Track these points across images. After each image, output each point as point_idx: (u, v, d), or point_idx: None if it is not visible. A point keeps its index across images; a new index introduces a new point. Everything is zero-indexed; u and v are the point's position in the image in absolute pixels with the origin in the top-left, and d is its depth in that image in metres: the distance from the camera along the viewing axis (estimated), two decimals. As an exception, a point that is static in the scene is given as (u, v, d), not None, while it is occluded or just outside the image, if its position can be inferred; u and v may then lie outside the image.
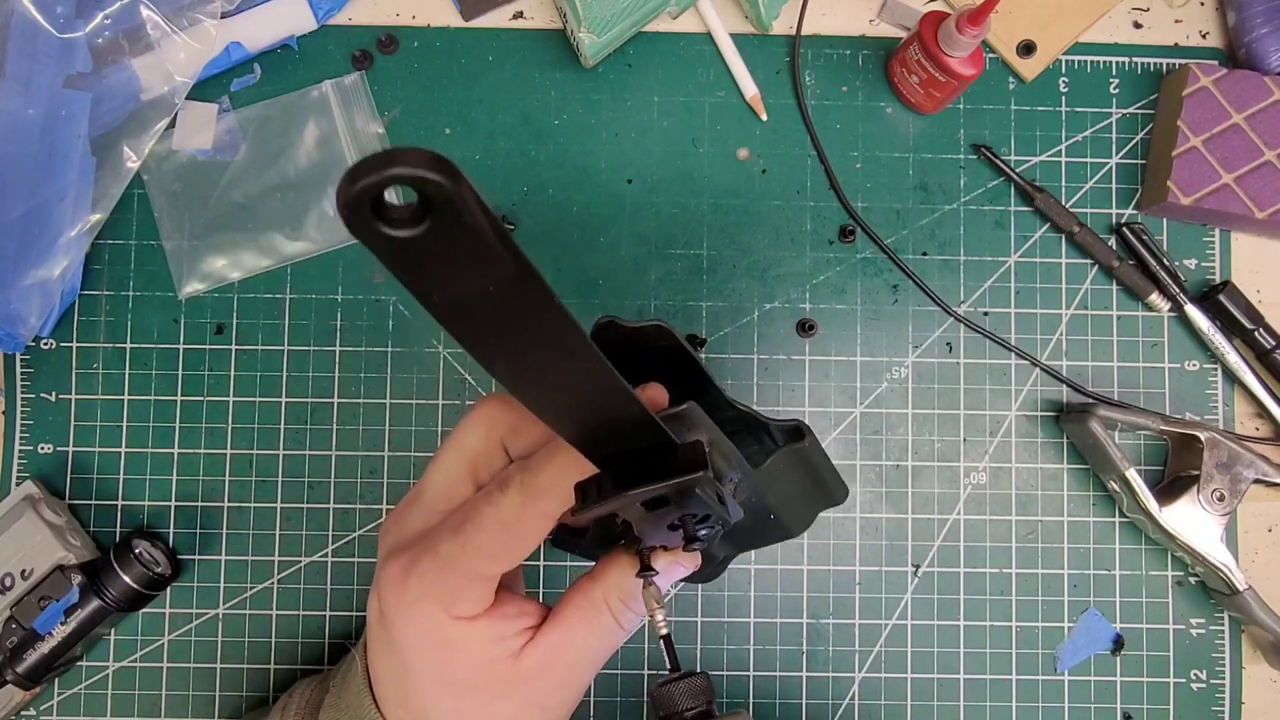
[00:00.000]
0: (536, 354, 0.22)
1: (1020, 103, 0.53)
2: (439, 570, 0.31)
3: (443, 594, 0.31)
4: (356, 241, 0.17)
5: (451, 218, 0.16)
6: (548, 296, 0.20)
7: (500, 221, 0.18)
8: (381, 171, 0.15)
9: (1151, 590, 0.51)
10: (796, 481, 0.37)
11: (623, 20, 0.48)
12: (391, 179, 0.15)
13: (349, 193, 0.16)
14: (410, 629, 0.32)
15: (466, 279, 0.18)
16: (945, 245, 0.52)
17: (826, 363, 0.52)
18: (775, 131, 0.52)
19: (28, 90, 0.47)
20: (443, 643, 0.32)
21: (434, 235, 0.17)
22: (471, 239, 0.17)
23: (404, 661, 0.33)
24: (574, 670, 0.34)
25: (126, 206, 0.51)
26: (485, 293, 0.19)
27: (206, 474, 0.51)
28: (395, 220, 0.16)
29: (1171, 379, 0.52)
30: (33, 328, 0.49)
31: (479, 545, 0.31)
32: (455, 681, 0.32)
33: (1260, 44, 0.50)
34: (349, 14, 0.52)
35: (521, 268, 0.19)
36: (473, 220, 0.17)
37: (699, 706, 0.30)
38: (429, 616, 0.32)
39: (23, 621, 0.46)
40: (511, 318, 0.20)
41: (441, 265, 0.18)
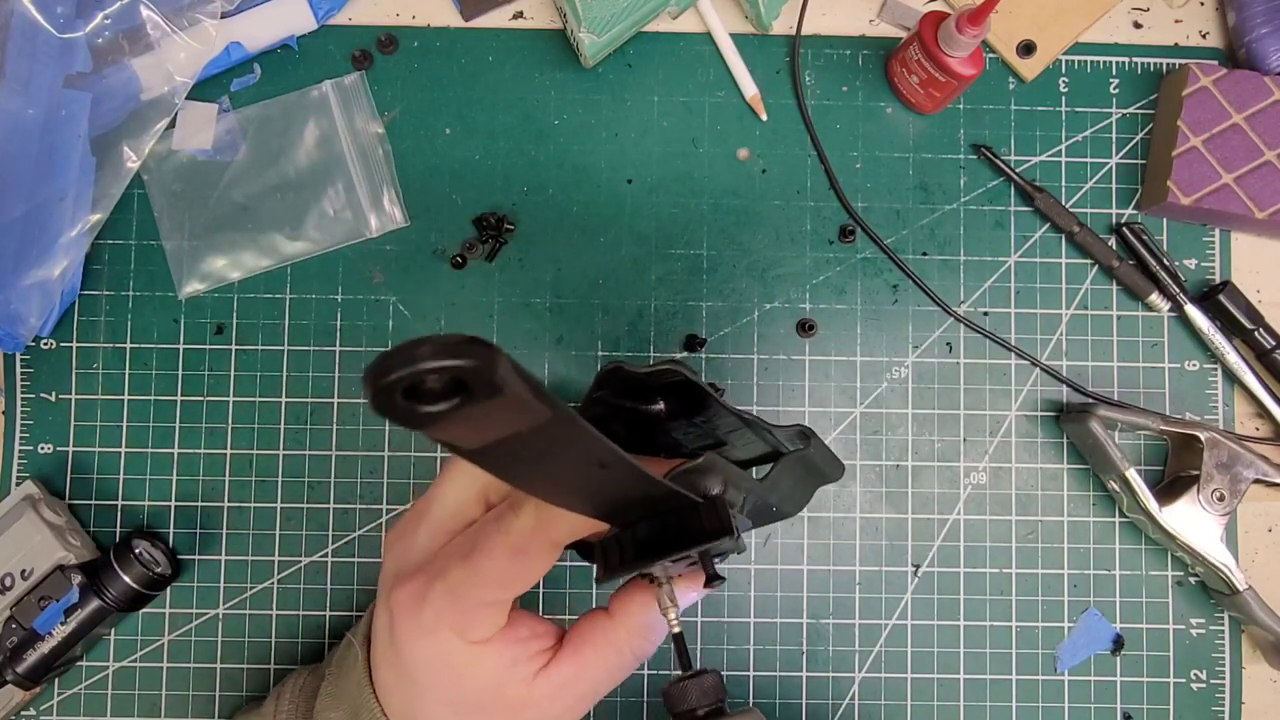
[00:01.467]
0: (566, 473, 0.22)
1: (1020, 103, 0.53)
2: (450, 596, 0.31)
3: (456, 621, 0.31)
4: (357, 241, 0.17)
5: (489, 393, 0.16)
6: (581, 431, 0.20)
7: (535, 378, 0.17)
8: (411, 367, 0.15)
9: (1151, 590, 0.51)
10: (799, 479, 0.38)
11: (623, 20, 0.48)
12: (424, 373, 0.15)
13: (377, 386, 0.15)
14: (423, 654, 0.32)
15: (500, 430, 0.18)
16: (945, 245, 0.52)
17: (826, 363, 0.52)
18: (775, 131, 0.52)
19: (28, 90, 0.47)
20: (456, 668, 0.32)
21: (470, 406, 0.16)
22: (508, 401, 0.17)
23: (415, 683, 0.33)
24: (584, 698, 0.34)
25: (126, 206, 0.51)
26: (518, 435, 0.19)
27: (206, 474, 0.51)
28: (428, 398, 0.16)
29: (1171, 379, 0.52)
30: (33, 328, 0.49)
31: (488, 572, 0.31)
32: (466, 704, 0.32)
33: (1260, 44, 0.50)
34: (349, 14, 0.52)
35: (558, 417, 0.18)
36: (512, 390, 0.16)
37: (710, 705, 0.30)
38: (443, 643, 0.32)
39: (23, 621, 0.46)
40: (543, 452, 0.20)
41: (475, 425, 0.17)
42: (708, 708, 0.30)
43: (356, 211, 0.51)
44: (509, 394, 0.16)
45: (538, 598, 0.51)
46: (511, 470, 0.21)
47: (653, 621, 0.34)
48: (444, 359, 0.15)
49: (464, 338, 0.15)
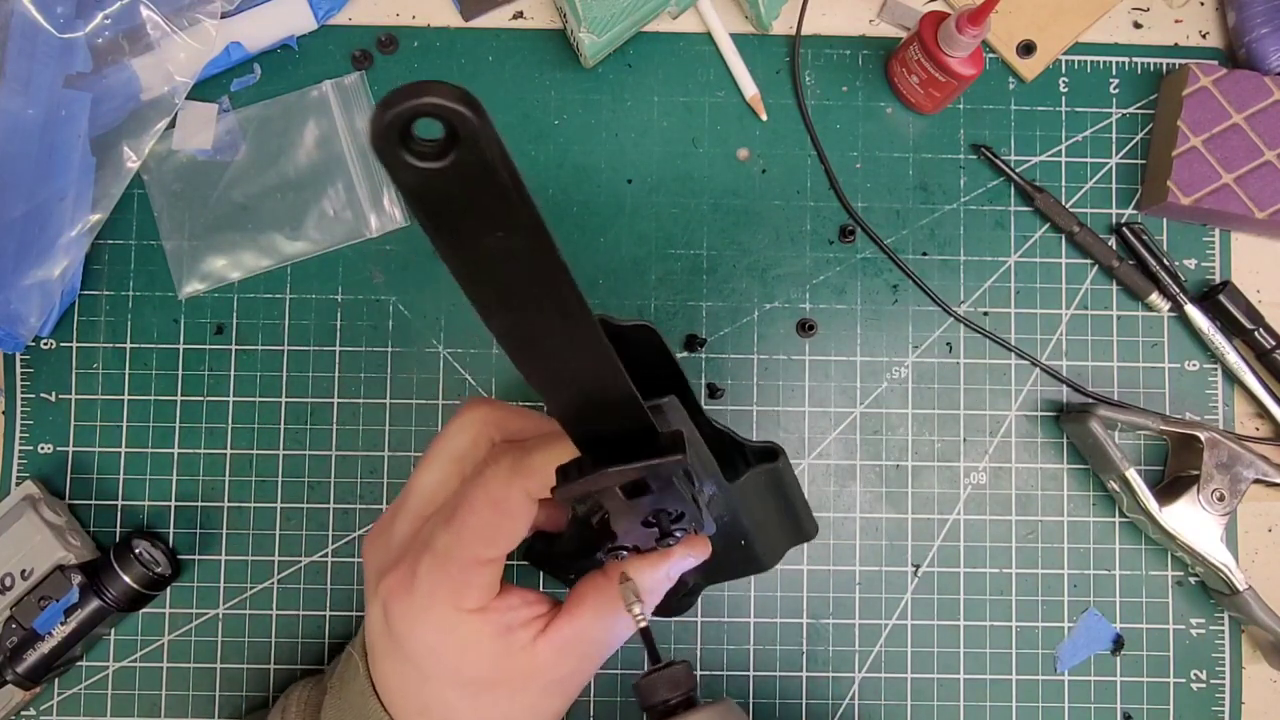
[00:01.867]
0: (538, 315, 0.22)
1: (1020, 103, 0.53)
2: (440, 565, 0.31)
3: (449, 589, 0.31)
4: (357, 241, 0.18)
5: (474, 154, 0.17)
6: (556, 257, 0.20)
7: (519, 175, 0.18)
8: (412, 101, 0.16)
9: (1151, 590, 0.51)
10: (769, 506, 0.37)
11: (623, 20, 0.48)
12: (421, 108, 0.16)
13: (381, 121, 0.16)
14: (422, 634, 0.32)
15: (482, 226, 0.19)
16: (945, 245, 0.52)
17: (826, 363, 0.52)
18: (775, 131, 0.52)
19: (28, 90, 0.47)
20: (456, 642, 0.32)
21: (456, 171, 0.17)
22: (491, 183, 0.18)
23: (419, 670, 0.32)
24: (587, 659, 0.34)
25: (126, 206, 0.51)
26: (498, 244, 0.20)
27: (206, 474, 0.51)
28: (421, 153, 0.17)
29: (1171, 379, 0.52)
30: (33, 328, 0.49)
31: (473, 528, 0.31)
32: (474, 680, 0.32)
33: (1260, 44, 0.50)
34: (349, 14, 0.52)
35: (535, 222, 0.19)
36: (493, 159, 0.17)
37: (679, 695, 0.30)
38: (440, 617, 0.32)
39: (23, 621, 0.46)
40: (520, 274, 0.21)
41: (460, 208, 0.18)
42: (679, 698, 0.30)
43: (356, 211, 0.51)
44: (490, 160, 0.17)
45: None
46: (488, 297, 0.22)
47: (648, 576, 0.34)
48: (440, 98, 0.16)
49: (462, 90, 0.17)
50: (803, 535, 0.41)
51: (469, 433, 0.34)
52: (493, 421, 0.33)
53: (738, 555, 0.39)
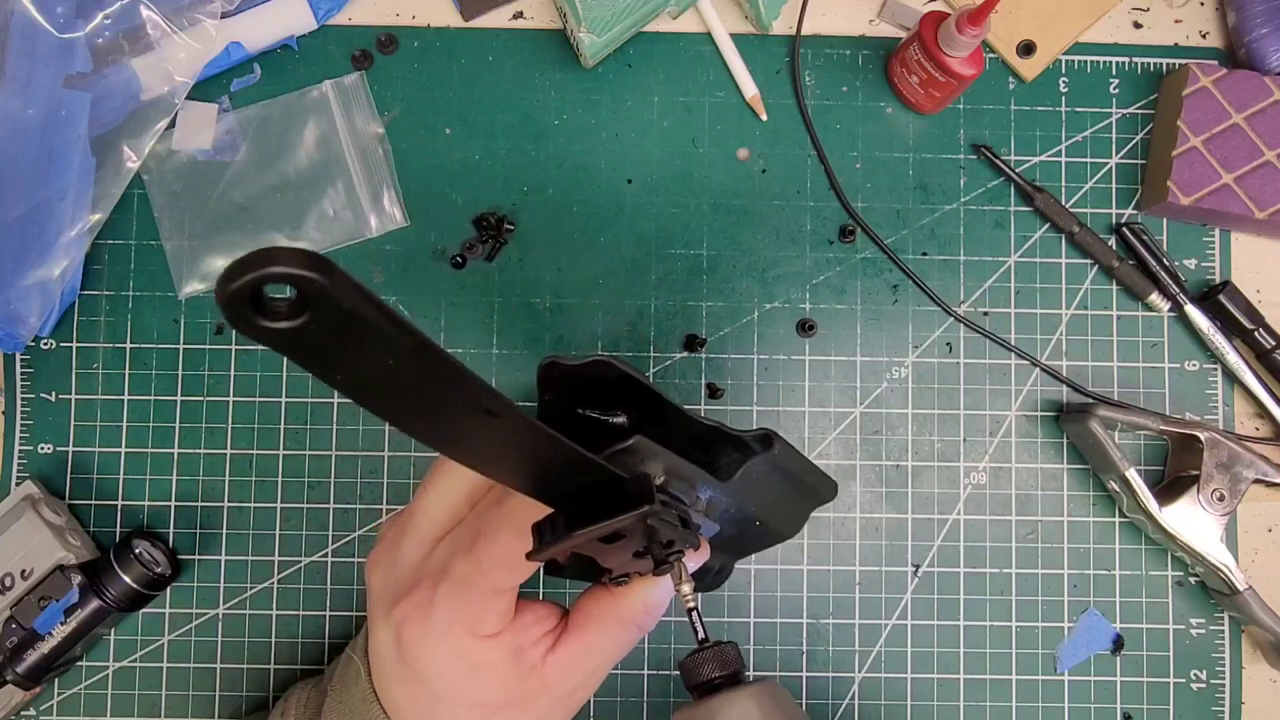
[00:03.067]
0: (456, 419, 0.22)
1: (1020, 103, 0.53)
2: (459, 593, 0.31)
3: (467, 618, 0.31)
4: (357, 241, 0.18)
5: (330, 308, 0.17)
6: (451, 365, 0.20)
7: (384, 303, 0.18)
8: (252, 274, 0.16)
9: (1151, 590, 0.51)
10: (776, 487, 0.37)
11: (623, 20, 0.48)
12: (266, 278, 0.16)
13: (225, 292, 0.16)
14: (438, 660, 0.32)
15: (363, 359, 0.19)
16: (945, 245, 0.52)
17: (826, 363, 0.52)
18: (775, 131, 0.52)
19: (28, 90, 0.47)
20: (471, 667, 0.32)
21: (316, 325, 0.17)
22: (357, 325, 0.18)
23: (432, 692, 0.32)
24: (593, 674, 0.34)
25: (126, 206, 0.51)
26: (387, 369, 0.19)
27: (206, 474, 0.51)
28: (275, 314, 0.17)
29: (1171, 379, 0.52)
30: (33, 328, 0.49)
31: (495, 559, 0.30)
32: (486, 703, 0.33)
33: (1260, 44, 0.50)
34: (349, 14, 0.52)
35: (417, 343, 0.19)
36: (353, 308, 0.17)
37: (725, 673, 0.30)
38: (456, 644, 0.31)
39: (23, 621, 0.46)
40: (420, 389, 0.21)
41: (334, 351, 0.18)
42: (724, 676, 0.30)
43: (356, 211, 0.51)
44: (351, 309, 0.17)
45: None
46: (396, 414, 0.22)
47: (654, 594, 0.34)
48: (283, 266, 0.16)
49: (306, 253, 0.16)
50: (820, 499, 0.40)
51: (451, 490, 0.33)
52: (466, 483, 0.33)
53: (754, 534, 0.39)
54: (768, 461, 0.35)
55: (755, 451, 0.36)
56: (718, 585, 0.45)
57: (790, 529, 0.41)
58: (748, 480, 0.35)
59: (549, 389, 0.34)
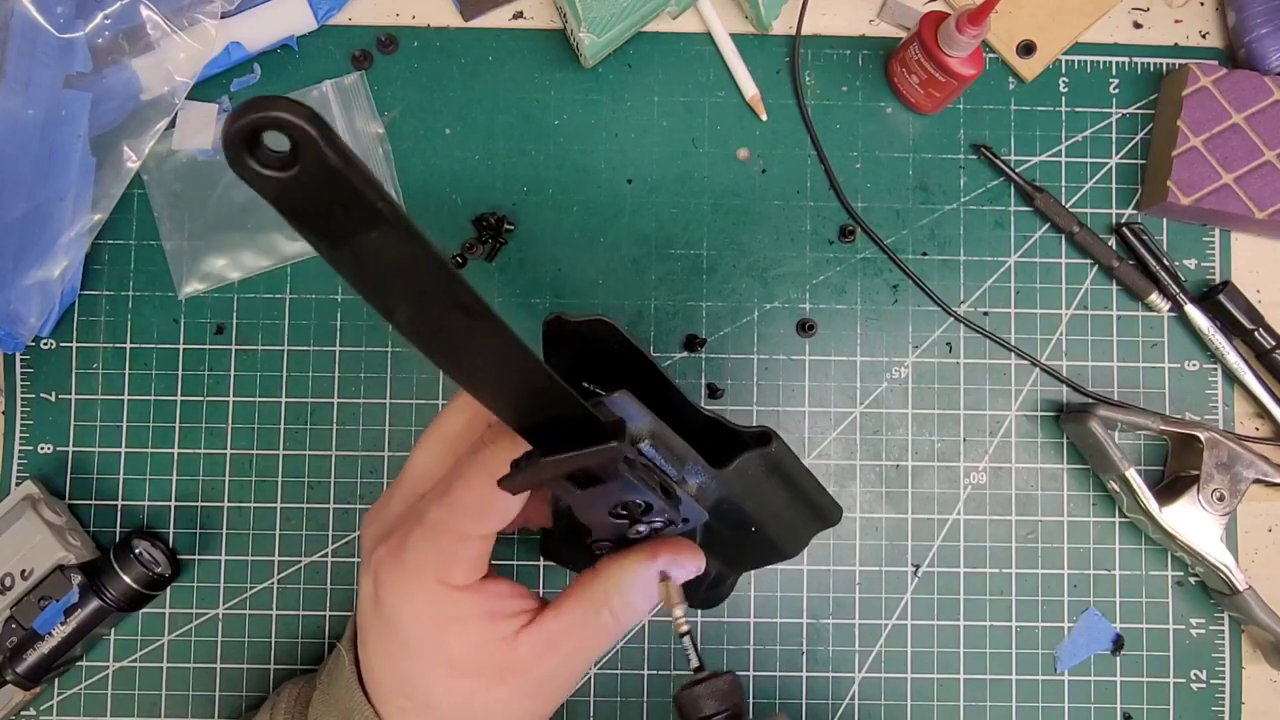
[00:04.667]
0: (431, 310, 0.23)
1: (1020, 103, 0.53)
2: (430, 537, 0.32)
3: (437, 561, 0.32)
4: None
5: (317, 163, 0.18)
6: (431, 252, 0.21)
7: (371, 174, 0.19)
8: (253, 115, 0.17)
9: (1151, 590, 0.51)
10: (774, 491, 0.37)
11: (623, 20, 0.48)
12: (263, 121, 0.17)
13: (228, 133, 0.17)
14: (408, 605, 0.32)
15: (347, 227, 0.20)
16: (945, 245, 0.52)
17: (826, 363, 0.52)
18: (775, 131, 0.52)
19: (28, 90, 0.47)
20: (440, 617, 0.32)
21: (306, 179, 0.18)
22: (342, 188, 0.18)
23: (403, 642, 0.33)
24: (568, 662, 0.34)
25: (126, 206, 0.51)
26: (371, 243, 0.20)
27: (206, 474, 0.51)
28: (268, 163, 0.18)
29: (1171, 379, 0.52)
30: (33, 328, 0.49)
31: (465, 503, 0.31)
32: (453, 660, 0.33)
33: (1260, 44, 0.50)
34: (349, 14, 0.52)
35: (399, 219, 0.20)
36: (337, 166, 0.18)
37: (726, 710, 0.29)
38: (427, 589, 0.32)
39: (23, 621, 0.46)
40: (402, 270, 0.21)
41: (321, 211, 0.19)
42: (725, 714, 0.29)
43: (356, 211, 0.51)
44: (335, 167, 0.18)
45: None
46: (377, 293, 0.22)
47: (633, 580, 0.33)
48: (280, 112, 0.17)
49: (304, 107, 0.17)
50: (825, 520, 0.40)
51: (464, 415, 0.34)
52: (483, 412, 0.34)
53: (752, 543, 0.39)
54: (764, 458, 0.35)
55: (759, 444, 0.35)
56: (717, 601, 0.45)
57: (790, 544, 0.40)
58: (743, 474, 0.34)
59: (553, 353, 0.34)
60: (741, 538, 0.38)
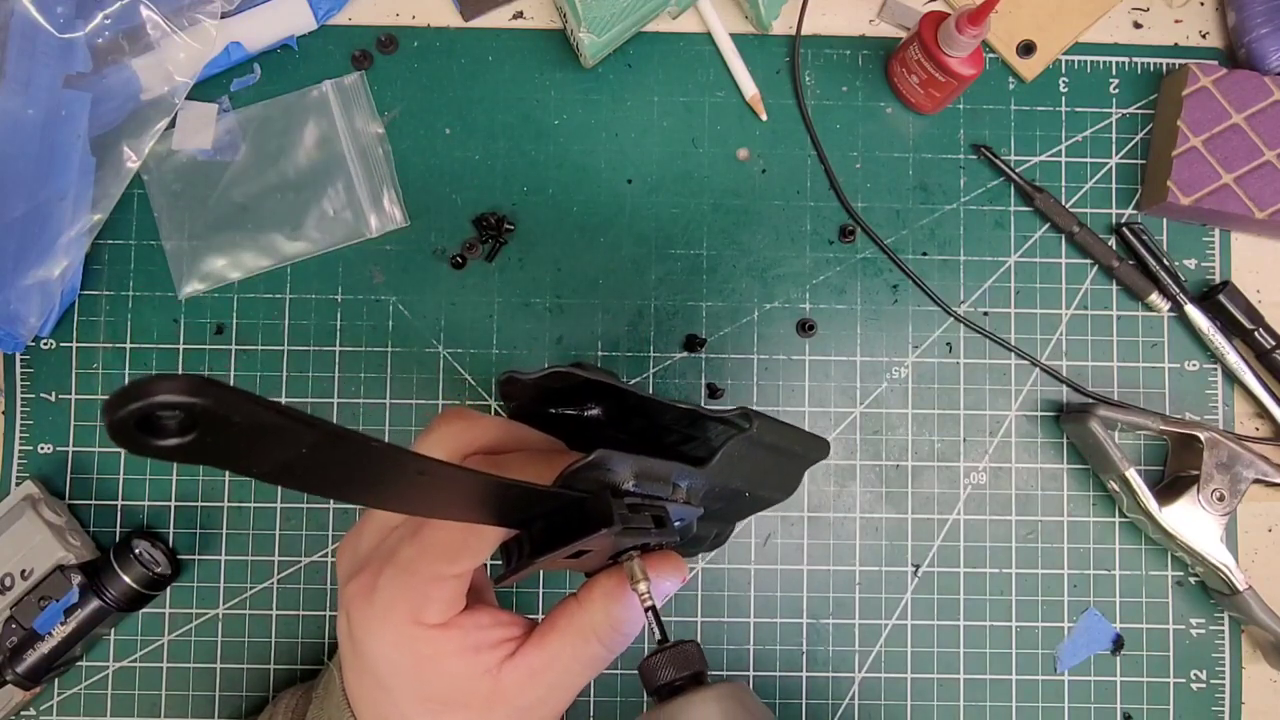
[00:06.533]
0: (390, 484, 0.22)
1: (1020, 103, 0.53)
2: (402, 578, 0.30)
3: (409, 602, 0.30)
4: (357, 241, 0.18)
5: (220, 423, 0.17)
6: (364, 445, 0.20)
7: (280, 405, 0.18)
8: (136, 403, 0.16)
9: (1151, 590, 0.51)
10: (761, 461, 0.36)
11: (623, 20, 0.48)
12: (149, 408, 0.16)
13: (110, 421, 0.16)
14: (382, 646, 0.31)
15: (273, 453, 0.19)
16: (945, 245, 0.52)
17: (826, 363, 0.52)
18: (775, 131, 0.52)
19: (28, 90, 0.47)
20: (416, 657, 0.31)
21: (211, 438, 0.17)
22: (254, 431, 0.17)
23: (380, 682, 0.32)
24: (556, 690, 0.33)
25: (126, 206, 0.51)
26: (301, 456, 0.19)
27: (206, 474, 0.51)
28: (167, 432, 0.16)
29: (1171, 379, 0.52)
30: (33, 328, 0.49)
31: (438, 543, 0.30)
32: (434, 698, 0.32)
33: (1260, 44, 0.50)
34: (349, 14, 0.52)
35: (323, 434, 0.19)
36: (244, 419, 0.17)
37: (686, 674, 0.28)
38: (398, 629, 0.31)
39: (23, 621, 0.46)
40: (342, 468, 0.20)
41: (239, 452, 0.18)
42: (686, 676, 0.28)
43: (356, 211, 0.51)
44: (244, 420, 0.17)
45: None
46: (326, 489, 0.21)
47: (620, 607, 0.32)
48: (167, 394, 0.16)
49: (188, 379, 0.16)
50: (811, 459, 0.40)
51: (442, 448, 0.32)
52: (466, 437, 0.32)
53: (746, 502, 0.38)
54: (747, 441, 0.34)
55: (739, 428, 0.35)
56: (717, 547, 0.45)
57: (784, 492, 0.40)
58: (729, 460, 0.34)
59: (513, 399, 0.34)
60: (735, 503, 0.38)
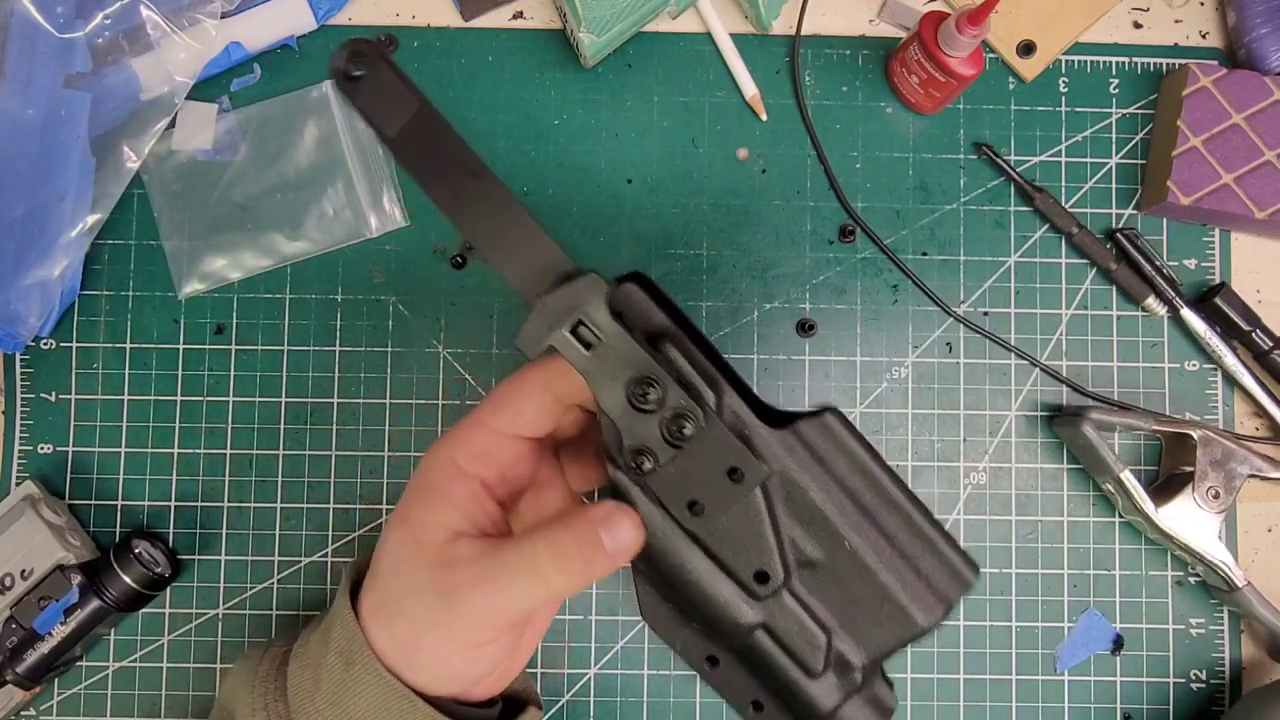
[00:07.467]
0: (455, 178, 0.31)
1: (1020, 103, 0.53)
2: (460, 426, 0.34)
3: (453, 437, 0.34)
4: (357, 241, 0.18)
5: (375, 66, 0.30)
6: (445, 125, 0.31)
7: (409, 78, 0.31)
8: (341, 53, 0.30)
9: (1151, 590, 0.51)
10: (853, 483, 0.32)
11: (622, 20, 0.48)
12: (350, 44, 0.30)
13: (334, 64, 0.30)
14: (423, 468, 0.35)
15: (395, 112, 0.31)
16: (945, 245, 0.52)
17: (826, 363, 0.52)
18: (775, 131, 0.52)
19: (28, 90, 0.47)
20: (443, 474, 0.34)
21: (371, 78, 0.30)
22: (387, 84, 0.31)
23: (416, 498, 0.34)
24: (501, 602, 0.31)
25: (126, 206, 0.51)
26: (411, 127, 0.31)
27: (206, 474, 0.51)
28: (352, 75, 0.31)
29: (1171, 379, 0.52)
30: (33, 328, 0.49)
31: (494, 396, 0.34)
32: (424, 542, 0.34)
33: (1260, 44, 0.50)
34: (349, 14, 0.52)
35: (421, 100, 0.31)
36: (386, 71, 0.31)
37: None
38: (438, 455, 0.34)
39: (23, 621, 0.46)
40: (430, 147, 0.31)
41: (376, 103, 0.31)
42: None
43: (356, 211, 0.51)
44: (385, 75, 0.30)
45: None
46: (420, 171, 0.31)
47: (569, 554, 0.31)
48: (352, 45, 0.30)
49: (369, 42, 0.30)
50: (952, 571, 0.32)
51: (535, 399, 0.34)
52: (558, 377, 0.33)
53: (859, 582, 0.31)
54: (824, 431, 0.31)
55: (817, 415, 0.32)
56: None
57: (911, 594, 0.31)
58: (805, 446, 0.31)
59: None
60: (836, 563, 0.31)
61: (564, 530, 0.31)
